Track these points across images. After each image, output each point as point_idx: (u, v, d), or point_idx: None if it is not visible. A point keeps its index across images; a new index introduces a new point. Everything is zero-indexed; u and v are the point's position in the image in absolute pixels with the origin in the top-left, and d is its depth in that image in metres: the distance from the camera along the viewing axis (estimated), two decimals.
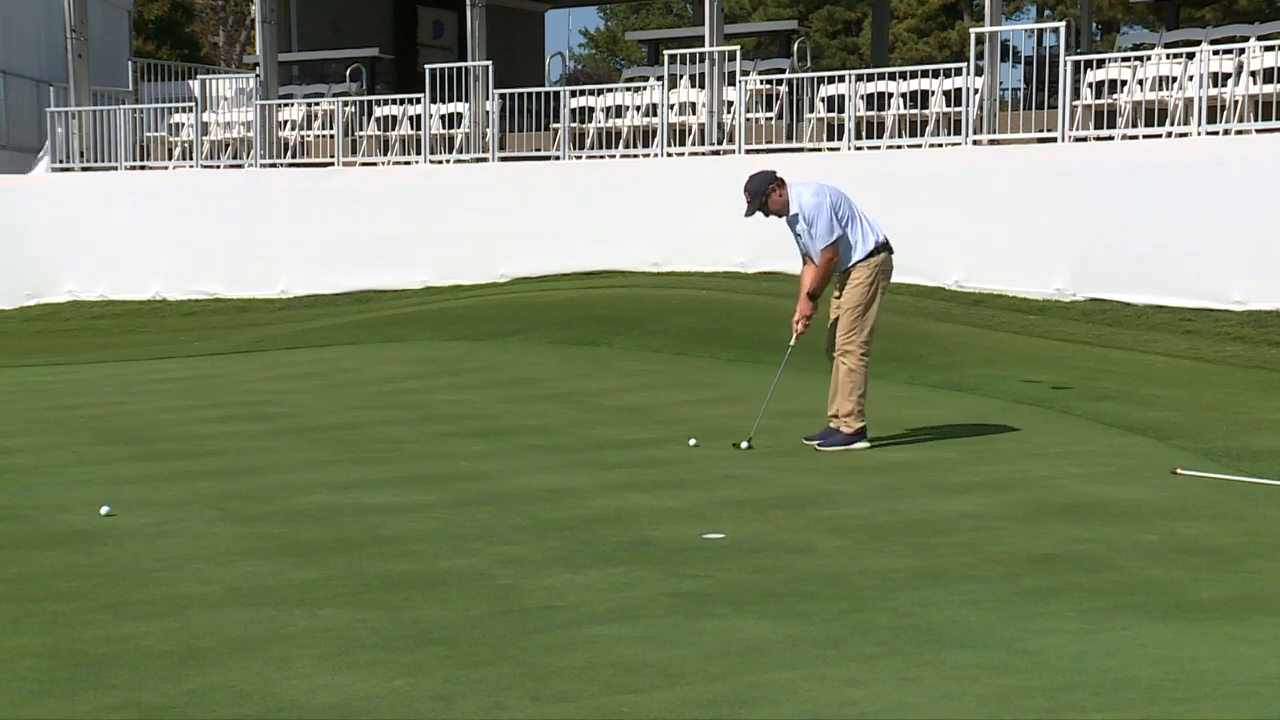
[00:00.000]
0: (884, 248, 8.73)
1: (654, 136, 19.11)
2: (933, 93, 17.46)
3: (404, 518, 6.65)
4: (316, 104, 21.85)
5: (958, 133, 17.18)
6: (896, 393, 10.98)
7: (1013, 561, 5.64)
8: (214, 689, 4.12)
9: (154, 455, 8.76)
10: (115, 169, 22.36)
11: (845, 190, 8.82)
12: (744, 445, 8.63)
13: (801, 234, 8.69)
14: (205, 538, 6.25)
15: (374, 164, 20.82)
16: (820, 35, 46.65)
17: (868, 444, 8.69)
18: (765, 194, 8.61)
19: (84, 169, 22.62)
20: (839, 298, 8.78)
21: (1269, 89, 15.65)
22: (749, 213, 8.69)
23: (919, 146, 17.35)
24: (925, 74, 17.67)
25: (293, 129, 21.60)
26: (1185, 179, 15.48)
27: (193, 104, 21.97)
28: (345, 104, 21.15)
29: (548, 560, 5.73)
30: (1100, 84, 16.61)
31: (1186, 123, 15.93)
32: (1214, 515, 6.59)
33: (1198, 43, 17.31)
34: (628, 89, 19.85)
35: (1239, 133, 15.53)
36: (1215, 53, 15.97)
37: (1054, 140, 16.63)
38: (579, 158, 19.56)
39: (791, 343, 8.90)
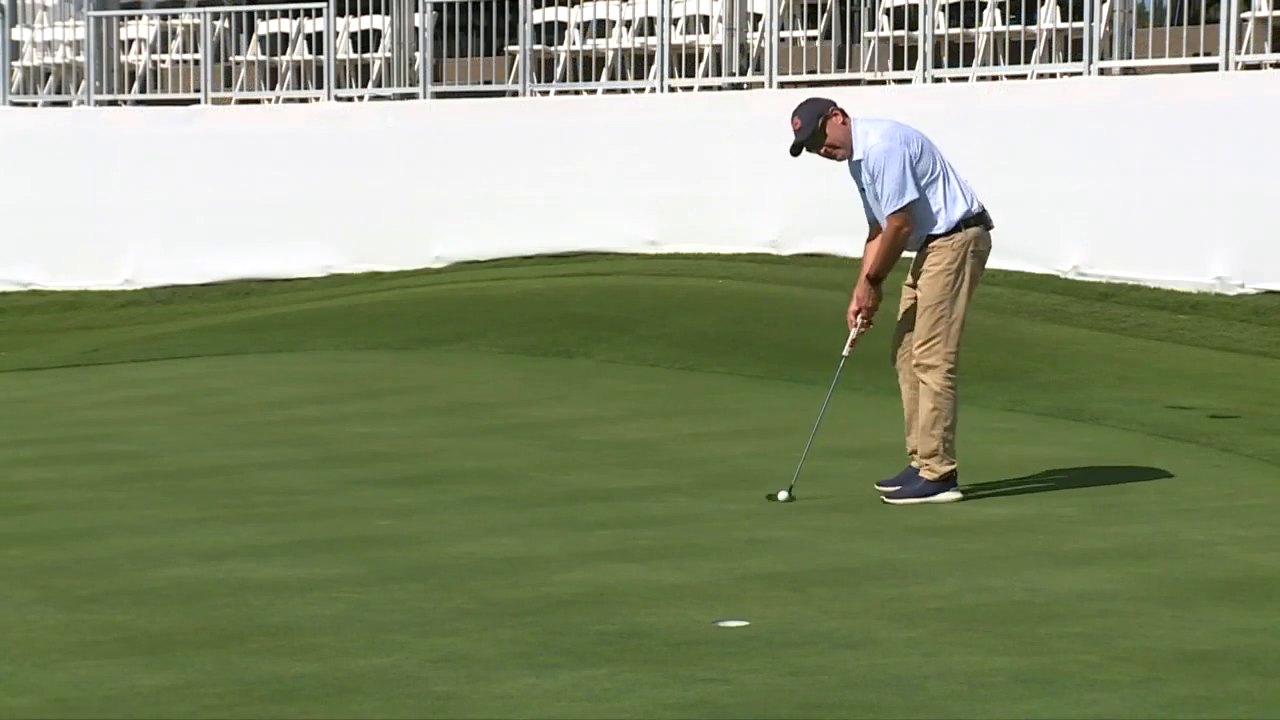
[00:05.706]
0: (978, 220, 8.72)
1: (650, 64, 19.14)
2: None
3: (299, 599, 6.66)
4: (175, 17, 21.85)
5: (1078, 57, 17.20)
6: (991, 423, 10.99)
7: (1155, 661, 5.66)
8: None
9: None
10: None
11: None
12: (782, 496, 8.65)
13: (866, 188, 8.71)
14: (17, 628, 6.24)
15: (256, 101, 20.82)
16: None
17: (958, 494, 8.69)
18: (822, 119, 8.59)
19: None
20: (913, 285, 8.78)
21: None
22: (796, 148, 8.69)
23: (1023, 78, 17.37)
24: None
25: (141, 52, 21.59)
26: None
27: None
28: (216, 17, 21.15)
29: (501, 658, 5.74)
30: None
31: None
32: None
33: None
34: None
35: None
36: None
37: (1213, 68, 16.65)
38: (545, 93, 19.57)
39: (845, 351, 8.87)
